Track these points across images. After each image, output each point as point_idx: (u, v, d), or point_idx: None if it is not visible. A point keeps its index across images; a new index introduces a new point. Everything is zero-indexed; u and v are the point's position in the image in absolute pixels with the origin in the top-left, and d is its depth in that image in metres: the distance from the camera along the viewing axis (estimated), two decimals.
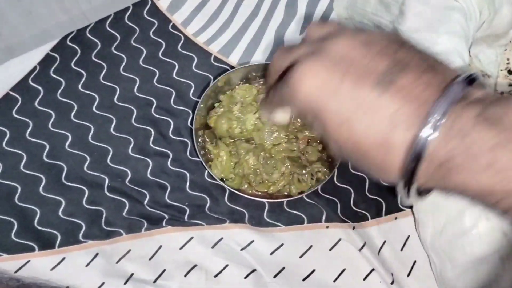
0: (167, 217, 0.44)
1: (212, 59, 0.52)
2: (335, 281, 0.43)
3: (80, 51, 0.51)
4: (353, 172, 0.48)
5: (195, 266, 0.42)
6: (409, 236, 0.46)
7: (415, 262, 0.45)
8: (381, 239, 0.45)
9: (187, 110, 0.49)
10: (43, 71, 0.50)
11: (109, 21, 0.53)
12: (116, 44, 0.52)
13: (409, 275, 0.44)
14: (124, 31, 0.53)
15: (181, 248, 0.43)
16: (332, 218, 0.46)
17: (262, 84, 0.48)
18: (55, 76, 0.50)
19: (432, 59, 0.26)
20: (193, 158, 0.47)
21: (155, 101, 0.50)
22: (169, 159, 0.47)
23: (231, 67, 0.52)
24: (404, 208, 0.47)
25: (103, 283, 0.41)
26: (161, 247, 0.43)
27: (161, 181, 0.46)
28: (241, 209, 0.45)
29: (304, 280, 0.43)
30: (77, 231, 0.43)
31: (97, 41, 0.52)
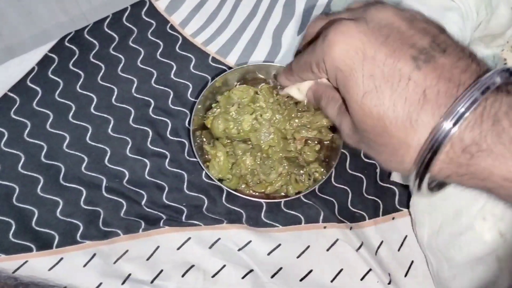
0: (165, 217, 0.44)
1: (210, 59, 0.52)
2: (332, 281, 0.43)
3: (78, 52, 0.51)
4: (351, 172, 0.48)
5: (193, 266, 0.43)
6: (406, 236, 0.46)
7: (412, 262, 0.45)
8: (379, 239, 0.45)
9: (185, 110, 0.49)
10: (41, 72, 0.50)
11: (107, 21, 0.53)
12: (114, 44, 0.52)
13: (406, 275, 0.44)
14: (122, 31, 0.53)
15: (179, 248, 0.43)
16: (329, 218, 0.46)
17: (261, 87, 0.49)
18: (53, 77, 0.50)
19: (469, 49, 0.25)
20: (191, 158, 0.47)
21: (153, 102, 0.50)
22: (167, 160, 0.47)
23: (229, 67, 0.52)
24: (401, 208, 0.47)
25: (101, 283, 0.41)
26: (158, 247, 0.43)
27: (158, 181, 0.46)
28: (239, 210, 0.45)
29: (301, 280, 0.43)
30: (75, 231, 0.43)
31: (95, 41, 0.52)
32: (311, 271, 0.43)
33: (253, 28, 0.54)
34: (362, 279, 0.43)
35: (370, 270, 0.43)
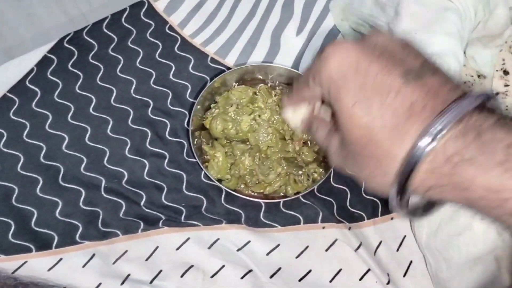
0: (164, 218, 0.44)
1: (208, 60, 0.52)
2: (331, 281, 0.43)
3: (77, 53, 0.51)
4: (349, 172, 0.48)
5: (192, 266, 0.43)
6: (405, 236, 0.46)
7: (411, 262, 0.45)
8: (377, 239, 0.45)
9: (184, 111, 0.50)
10: (40, 73, 0.50)
11: (106, 22, 0.53)
12: (113, 45, 0.52)
13: (405, 275, 0.44)
14: (121, 32, 0.53)
15: (178, 248, 0.43)
16: (328, 218, 0.46)
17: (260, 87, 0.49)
18: (52, 77, 0.50)
19: (455, 79, 0.27)
20: (190, 159, 0.47)
21: (152, 102, 0.50)
22: (166, 160, 0.47)
23: (228, 68, 0.52)
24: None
25: (100, 284, 0.41)
26: (157, 247, 0.43)
27: (157, 182, 0.46)
28: (238, 210, 0.46)
29: (300, 280, 0.43)
30: (74, 232, 0.43)
31: (94, 42, 0.52)
32: (310, 271, 0.43)
33: (252, 28, 0.55)
34: (361, 279, 0.43)
35: (369, 270, 0.43)
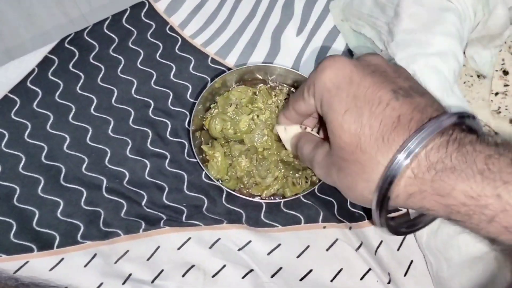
0: (165, 217, 0.44)
1: (209, 61, 0.53)
2: (332, 281, 0.43)
3: (78, 53, 0.51)
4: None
5: (193, 266, 0.43)
6: (405, 236, 0.46)
7: (412, 262, 0.45)
8: (378, 239, 0.45)
9: (184, 111, 0.50)
10: (41, 73, 0.50)
11: (107, 23, 0.53)
12: (113, 46, 0.52)
13: (405, 274, 0.44)
14: (121, 33, 0.53)
15: (179, 248, 0.43)
16: (329, 218, 0.46)
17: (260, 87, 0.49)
18: (53, 78, 0.50)
19: (440, 102, 0.30)
20: (191, 159, 0.48)
21: (153, 103, 0.50)
22: (167, 160, 0.47)
23: (228, 68, 0.52)
24: (400, 208, 0.47)
25: (102, 283, 0.41)
26: (159, 247, 0.43)
27: (158, 182, 0.46)
28: (238, 210, 0.46)
29: (301, 280, 0.43)
30: (76, 231, 0.43)
31: (95, 43, 0.52)
32: (311, 271, 0.44)
33: (252, 29, 0.55)
34: (361, 279, 0.43)
35: (369, 269, 0.43)
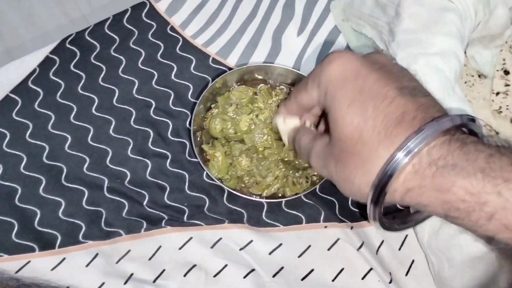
0: (166, 217, 0.45)
1: (210, 60, 0.53)
2: (333, 280, 0.43)
3: (79, 54, 0.51)
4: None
5: (194, 266, 0.43)
6: (407, 235, 0.46)
7: (413, 261, 0.45)
8: (379, 238, 0.45)
9: (186, 111, 0.50)
10: (42, 73, 0.50)
11: (108, 23, 0.53)
12: (115, 46, 0.52)
13: (407, 274, 0.44)
14: (123, 33, 0.53)
15: (181, 248, 0.43)
16: (330, 218, 0.46)
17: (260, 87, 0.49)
18: (54, 78, 0.50)
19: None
20: (192, 159, 0.48)
21: (154, 103, 0.50)
22: (168, 160, 0.47)
23: (229, 68, 0.52)
24: (402, 208, 0.47)
25: (103, 283, 0.41)
26: (160, 247, 0.43)
27: (160, 181, 0.46)
28: (240, 209, 0.46)
29: (302, 279, 0.43)
30: (77, 231, 0.43)
31: (96, 43, 0.52)
32: (312, 271, 0.44)
33: (253, 29, 0.55)
34: (363, 278, 0.43)
35: (371, 269, 0.43)
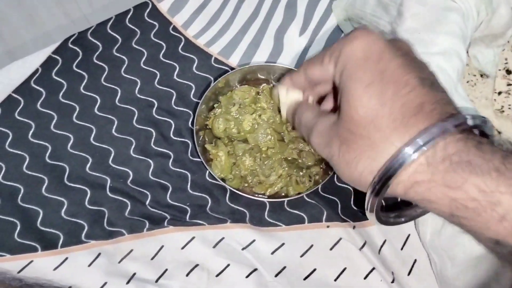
0: (169, 217, 0.45)
1: (212, 60, 0.53)
2: (336, 280, 0.43)
3: (81, 54, 0.51)
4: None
5: (197, 265, 0.43)
6: (409, 235, 0.46)
7: (416, 261, 0.45)
8: (382, 238, 0.45)
9: (188, 111, 0.50)
10: (45, 73, 0.50)
11: (110, 23, 0.53)
12: (117, 46, 0.52)
13: (409, 274, 0.44)
14: (125, 33, 0.53)
15: (183, 248, 0.43)
16: (332, 217, 0.46)
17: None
18: (57, 78, 0.50)
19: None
20: (194, 158, 0.48)
21: (156, 103, 0.50)
22: (171, 160, 0.47)
23: (231, 68, 0.52)
24: (404, 207, 0.47)
25: (106, 283, 0.41)
26: (162, 247, 0.43)
27: (162, 181, 0.46)
28: (242, 209, 0.46)
29: (305, 279, 0.43)
30: (80, 231, 0.44)
31: (99, 43, 0.52)
32: (314, 270, 0.44)
33: (255, 29, 0.55)
34: (365, 278, 0.43)
35: (373, 269, 0.43)
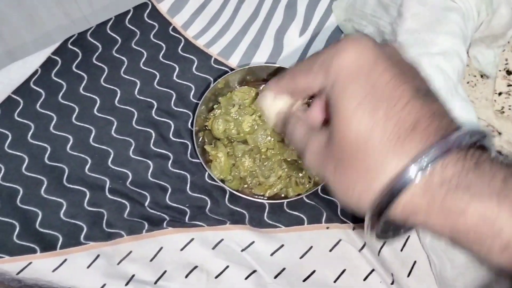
0: (168, 218, 0.44)
1: (212, 61, 0.53)
2: (335, 281, 0.43)
3: (81, 54, 0.51)
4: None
5: (196, 267, 0.43)
6: (409, 236, 0.46)
7: (415, 262, 0.45)
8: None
9: (187, 112, 0.50)
10: (44, 74, 0.50)
11: (110, 24, 0.53)
12: (117, 47, 0.52)
13: (409, 275, 0.44)
14: (125, 34, 0.53)
15: (182, 249, 0.43)
16: (332, 218, 0.46)
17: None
18: (56, 79, 0.50)
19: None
20: (194, 159, 0.48)
21: (156, 103, 0.50)
22: (170, 161, 0.47)
23: (231, 69, 0.52)
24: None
25: (105, 284, 0.41)
26: (162, 248, 0.43)
27: (161, 182, 0.46)
28: (242, 210, 0.46)
29: (304, 280, 0.43)
30: (79, 232, 0.44)
31: (98, 44, 0.52)
32: (314, 272, 0.43)
33: (255, 30, 0.55)
34: (365, 279, 0.43)
35: (373, 270, 0.43)
